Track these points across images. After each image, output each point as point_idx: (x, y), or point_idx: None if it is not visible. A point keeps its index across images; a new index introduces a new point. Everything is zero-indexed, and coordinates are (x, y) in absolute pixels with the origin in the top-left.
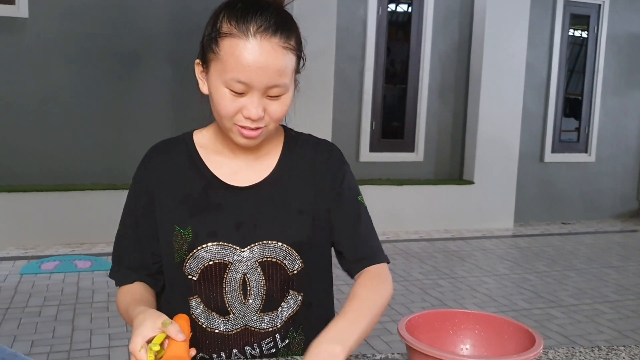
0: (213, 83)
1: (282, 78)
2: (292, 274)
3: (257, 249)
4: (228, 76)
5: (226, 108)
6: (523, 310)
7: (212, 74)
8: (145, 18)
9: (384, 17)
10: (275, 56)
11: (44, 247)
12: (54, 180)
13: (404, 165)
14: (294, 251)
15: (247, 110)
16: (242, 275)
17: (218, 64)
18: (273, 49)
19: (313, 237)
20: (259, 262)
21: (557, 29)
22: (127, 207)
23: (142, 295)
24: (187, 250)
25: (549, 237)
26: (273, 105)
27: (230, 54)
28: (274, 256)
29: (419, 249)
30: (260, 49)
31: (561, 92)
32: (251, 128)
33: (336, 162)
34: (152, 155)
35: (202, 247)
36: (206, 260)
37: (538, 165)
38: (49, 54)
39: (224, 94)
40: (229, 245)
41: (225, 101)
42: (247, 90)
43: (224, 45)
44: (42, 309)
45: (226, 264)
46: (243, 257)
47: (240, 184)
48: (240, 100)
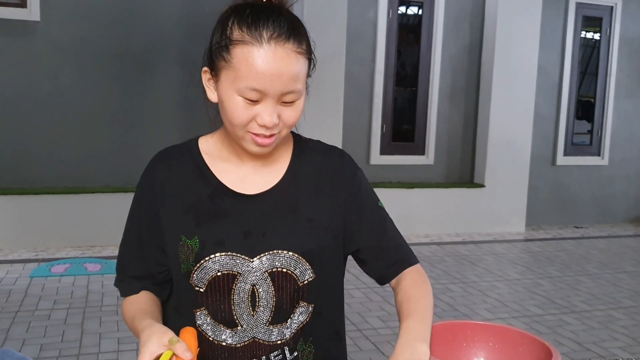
0: (225, 91)
1: (296, 84)
2: (303, 285)
3: (266, 258)
4: (242, 84)
5: (240, 117)
6: (535, 317)
7: (224, 82)
8: (155, 21)
9: (394, 19)
10: (290, 62)
11: (55, 249)
12: (64, 183)
13: (415, 169)
14: (304, 261)
15: (262, 118)
16: (251, 286)
17: (230, 72)
18: (287, 55)
19: (324, 246)
20: (269, 273)
21: (569, 30)
22: (131, 215)
23: (148, 306)
24: (194, 261)
25: (562, 241)
26: (287, 112)
27: (243, 61)
28: (284, 266)
29: (429, 253)
30: (274, 56)
31: (573, 94)
32: (265, 135)
33: (349, 169)
34: (156, 163)
35: (210, 257)
36: (214, 271)
37: (550, 169)
38: (60, 57)
39: (237, 102)
40: (238, 256)
41: (239, 110)
42: (261, 97)
43: (236, 53)
44: (52, 312)
45: (235, 274)
46: (252, 268)
47: (248, 192)
48: (254, 108)
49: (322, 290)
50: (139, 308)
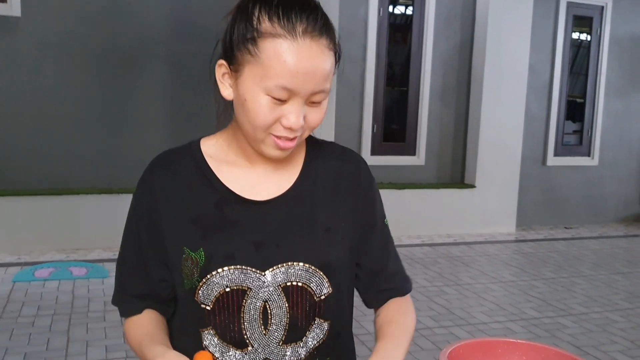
0: (249, 89)
1: (327, 83)
2: (319, 300)
3: (280, 271)
4: (272, 82)
5: (265, 118)
6: (533, 320)
7: (247, 79)
8: (141, 18)
9: (385, 18)
10: (324, 60)
11: (39, 253)
12: (48, 184)
13: (406, 169)
14: (322, 274)
15: (288, 119)
16: (263, 302)
17: (257, 67)
18: (322, 51)
19: (342, 257)
20: (282, 287)
21: (560, 30)
22: (128, 228)
23: (155, 329)
24: (199, 275)
25: (554, 242)
26: (313, 113)
27: (274, 57)
28: (299, 279)
29: (422, 255)
30: (309, 52)
31: (564, 94)
32: (289, 138)
33: (367, 178)
34: (154, 169)
35: (217, 272)
36: (222, 286)
37: (540, 169)
38: (42, 54)
39: (263, 102)
40: (248, 269)
41: (265, 110)
42: (289, 97)
43: (265, 47)
44: (36, 319)
45: (245, 290)
46: (264, 282)
47: (259, 198)
48: (280, 108)
49: (339, 306)
50: (146, 332)
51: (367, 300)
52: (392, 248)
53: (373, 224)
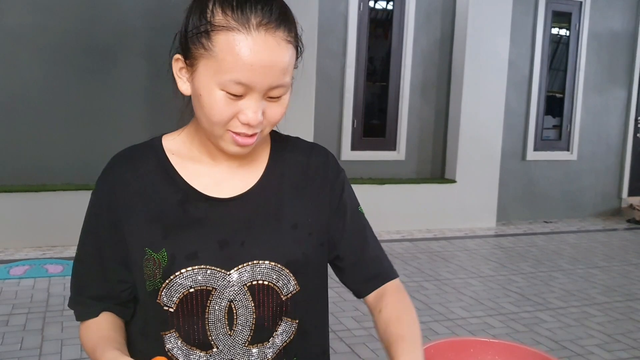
0: (203, 84)
1: (286, 76)
2: (286, 298)
3: (245, 270)
4: (226, 77)
5: (221, 113)
6: (511, 314)
7: (202, 73)
8: (119, 12)
9: (365, 13)
10: (281, 53)
11: (14, 250)
12: (23, 181)
13: (386, 164)
14: (288, 272)
15: (245, 115)
16: (228, 302)
17: (211, 62)
18: (278, 44)
19: (310, 254)
20: (248, 286)
21: (539, 26)
22: (86, 227)
23: (111, 332)
24: (162, 277)
25: (533, 236)
26: (272, 108)
27: (228, 51)
28: (265, 278)
29: (401, 250)
30: (265, 45)
31: (543, 89)
32: (247, 134)
33: (334, 170)
34: (114, 166)
35: (181, 272)
36: (185, 287)
37: (520, 164)
38: (18, 48)
39: (218, 97)
40: (213, 269)
41: (220, 105)
42: (246, 92)
43: (219, 40)
44: (10, 317)
45: (209, 290)
46: (230, 282)
47: (223, 196)
48: (237, 103)
49: (307, 304)
50: (101, 335)
51: (356, 290)
52: (371, 234)
53: (344, 213)
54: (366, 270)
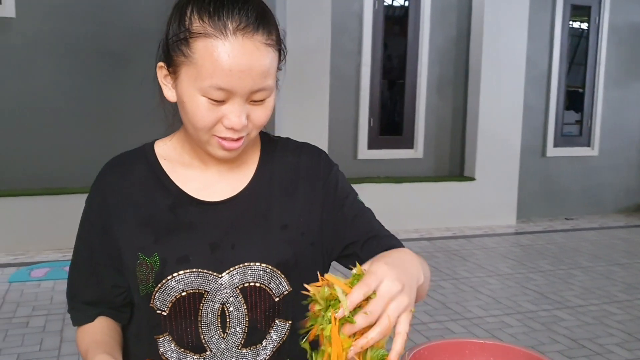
0: (185, 91)
1: (267, 80)
2: (279, 300)
3: (237, 273)
4: (205, 83)
5: (203, 119)
6: (529, 313)
7: (184, 80)
8: (133, 16)
9: (380, 11)
10: (260, 56)
11: (34, 252)
12: (43, 184)
13: (403, 162)
14: (279, 272)
15: (229, 119)
16: (221, 305)
17: (191, 68)
18: (257, 48)
19: (301, 254)
20: (240, 289)
21: (558, 20)
22: (79, 233)
23: (104, 335)
24: (155, 281)
25: (552, 233)
26: (257, 111)
27: (206, 57)
28: (257, 280)
29: (419, 249)
30: (242, 50)
31: (562, 85)
32: (233, 139)
33: (325, 167)
34: (106, 173)
35: (172, 276)
36: (178, 291)
37: (540, 160)
38: (35, 53)
39: (201, 103)
40: (204, 272)
41: (202, 111)
42: (228, 97)
43: (197, 47)
44: (30, 319)
45: (202, 293)
46: (221, 284)
47: (213, 199)
48: (219, 108)
49: (300, 305)
50: (92, 339)
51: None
52: (372, 216)
53: (342, 205)
54: (377, 246)
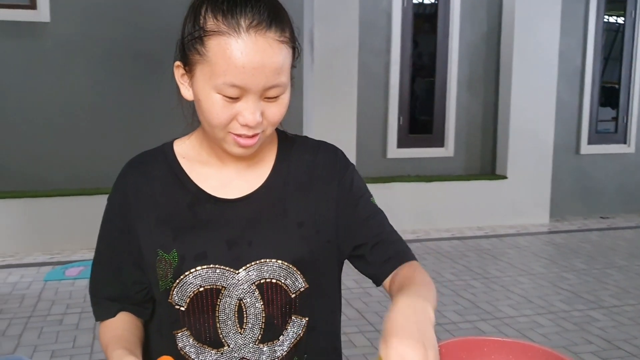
0: (201, 89)
1: (281, 77)
2: (295, 296)
3: (253, 269)
4: (219, 80)
5: (218, 116)
6: (561, 312)
7: (199, 78)
8: (165, 18)
9: (409, 8)
10: (272, 53)
11: (70, 252)
12: (78, 184)
13: (434, 161)
14: (295, 269)
15: (243, 116)
16: (238, 300)
17: (205, 66)
18: (269, 45)
19: (317, 252)
20: (256, 285)
21: (592, 14)
22: (102, 231)
23: (124, 331)
24: (173, 276)
25: (587, 232)
26: (271, 108)
27: (220, 54)
28: (273, 277)
29: (450, 248)
30: (255, 47)
31: (597, 80)
32: (248, 135)
33: (341, 166)
34: (127, 172)
35: (190, 272)
36: (196, 286)
37: (574, 158)
38: (70, 57)
39: (215, 100)
40: (221, 268)
41: (217, 108)
42: (242, 94)
43: (211, 45)
44: (64, 317)
45: (219, 289)
46: (238, 280)
47: (230, 197)
48: (234, 105)
49: (316, 302)
50: (113, 335)
51: (375, 275)
52: (386, 221)
53: (355, 205)
54: (384, 251)
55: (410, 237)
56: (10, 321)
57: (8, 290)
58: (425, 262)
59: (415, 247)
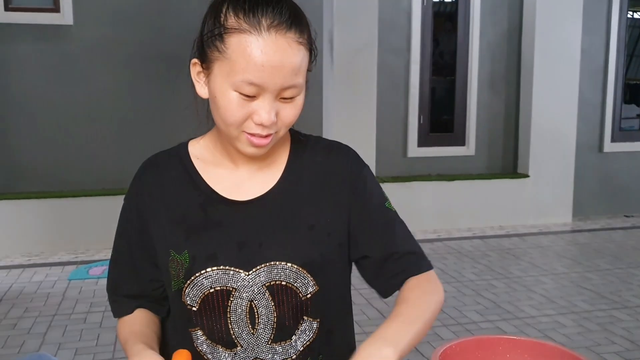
0: (218, 86)
1: (298, 77)
2: (306, 298)
3: (263, 271)
4: (238, 78)
5: (234, 114)
6: (584, 313)
7: (217, 75)
8: (188, 21)
9: (429, 7)
10: (292, 53)
11: (94, 251)
12: (102, 185)
13: (455, 160)
14: (305, 272)
15: (259, 115)
16: (249, 302)
17: (224, 64)
18: (289, 45)
19: (328, 254)
20: (267, 287)
21: (615, 10)
22: (119, 229)
23: (142, 327)
24: (185, 277)
25: (611, 231)
26: (286, 109)
27: (240, 52)
28: (283, 279)
29: (471, 248)
30: (275, 46)
31: (620, 77)
32: (262, 135)
33: (354, 167)
34: (143, 172)
35: (201, 273)
36: (207, 287)
37: (597, 156)
38: (94, 60)
39: (232, 98)
40: (232, 269)
41: (234, 106)
42: (258, 92)
43: (231, 43)
44: (88, 315)
45: (229, 290)
46: (249, 282)
47: (242, 198)
48: (250, 104)
49: (328, 304)
50: (131, 330)
51: (380, 289)
52: (400, 230)
53: (367, 211)
54: (391, 267)
55: (432, 237)
56: (35, 319)
57: (33, 289)
58: (447, 261)
59: (437, 246)
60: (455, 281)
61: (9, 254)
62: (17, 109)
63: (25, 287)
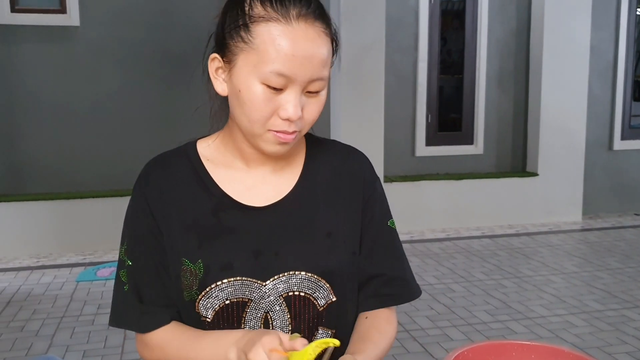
0: (243, 79)
1: (325, 70)
2: (323, 309)
3: (281, 281)
4: (267, 68)
5: (261, 110)
6: (595, 312)
7: (241, 68)
8: (194, 21)
9: (436, 5)
10: (321, 44)
11: (102, 252)
12: (109, 186)
13: (463, 159)
14: (324, 282)
15: (285, 110)
16: (264, 313)
17: (251, 54)
18: (318, 35)
19: (344, 263)
20: (284, 297)
21: (624, 7)
22: (132, 234)
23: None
24: (199, 288)
25: (622, 230)
26: (311, 105)
27: (270, 41)
28: (301, 289)
29: (480, 247)
30: (305, 36)
31: (630, 75)
32: (288, 132)
33: (369, 176)
34: (150, 172)
35: (216, 284)
36: (222, 299)
37: (607, 154)
38: (100, 60)
39: (258, 91)
40: (248, 279)
41: (260, 101)
42: (286, 85)
43: (259, 32)
44: (96, 317)
45: (245, 301)
46: (265, 292)
47: (257, 204)
48: (276, 98)
49: (344, 314)
50: (188, 330)
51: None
52: (396, 253)
53: (372, 224)
54: (375, 288)
55: (441, 236)
56: (43, 321)
57: (41, 291)
58: (456, 261)
59: (445, 245)
60: (464, 281)
61: (17, 256)
62: (24, 110)
63: (33, 288)
